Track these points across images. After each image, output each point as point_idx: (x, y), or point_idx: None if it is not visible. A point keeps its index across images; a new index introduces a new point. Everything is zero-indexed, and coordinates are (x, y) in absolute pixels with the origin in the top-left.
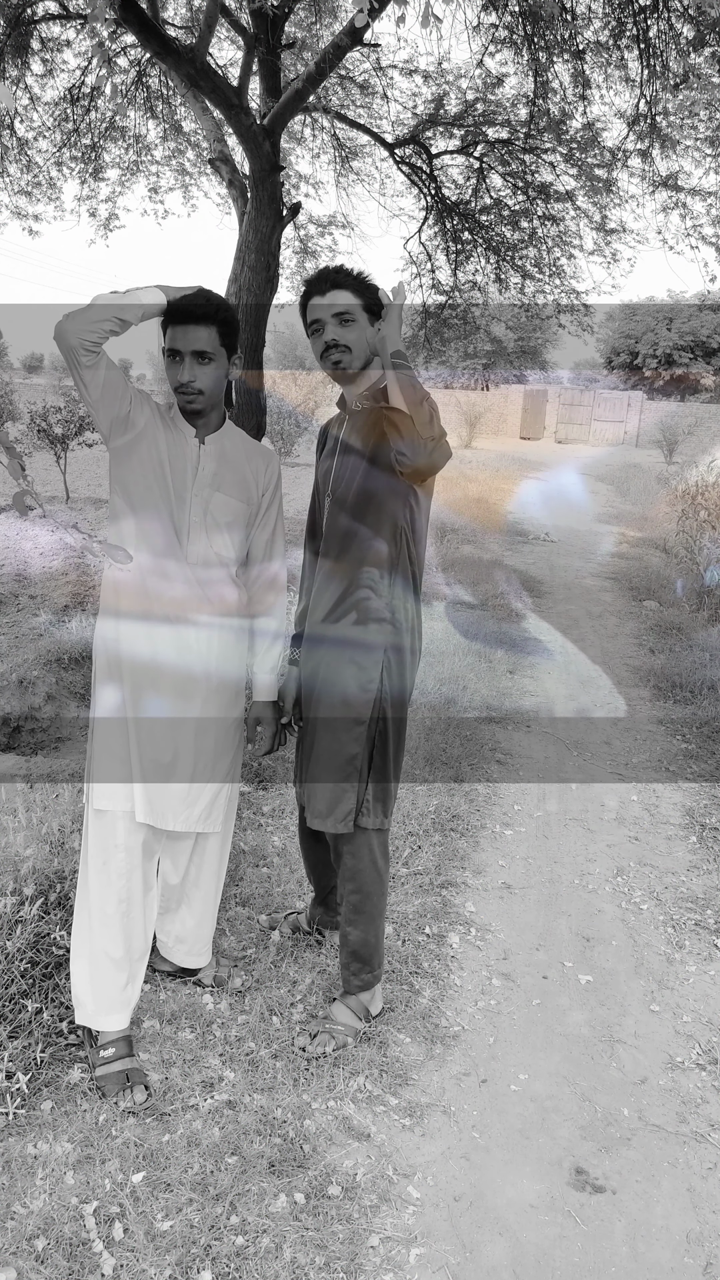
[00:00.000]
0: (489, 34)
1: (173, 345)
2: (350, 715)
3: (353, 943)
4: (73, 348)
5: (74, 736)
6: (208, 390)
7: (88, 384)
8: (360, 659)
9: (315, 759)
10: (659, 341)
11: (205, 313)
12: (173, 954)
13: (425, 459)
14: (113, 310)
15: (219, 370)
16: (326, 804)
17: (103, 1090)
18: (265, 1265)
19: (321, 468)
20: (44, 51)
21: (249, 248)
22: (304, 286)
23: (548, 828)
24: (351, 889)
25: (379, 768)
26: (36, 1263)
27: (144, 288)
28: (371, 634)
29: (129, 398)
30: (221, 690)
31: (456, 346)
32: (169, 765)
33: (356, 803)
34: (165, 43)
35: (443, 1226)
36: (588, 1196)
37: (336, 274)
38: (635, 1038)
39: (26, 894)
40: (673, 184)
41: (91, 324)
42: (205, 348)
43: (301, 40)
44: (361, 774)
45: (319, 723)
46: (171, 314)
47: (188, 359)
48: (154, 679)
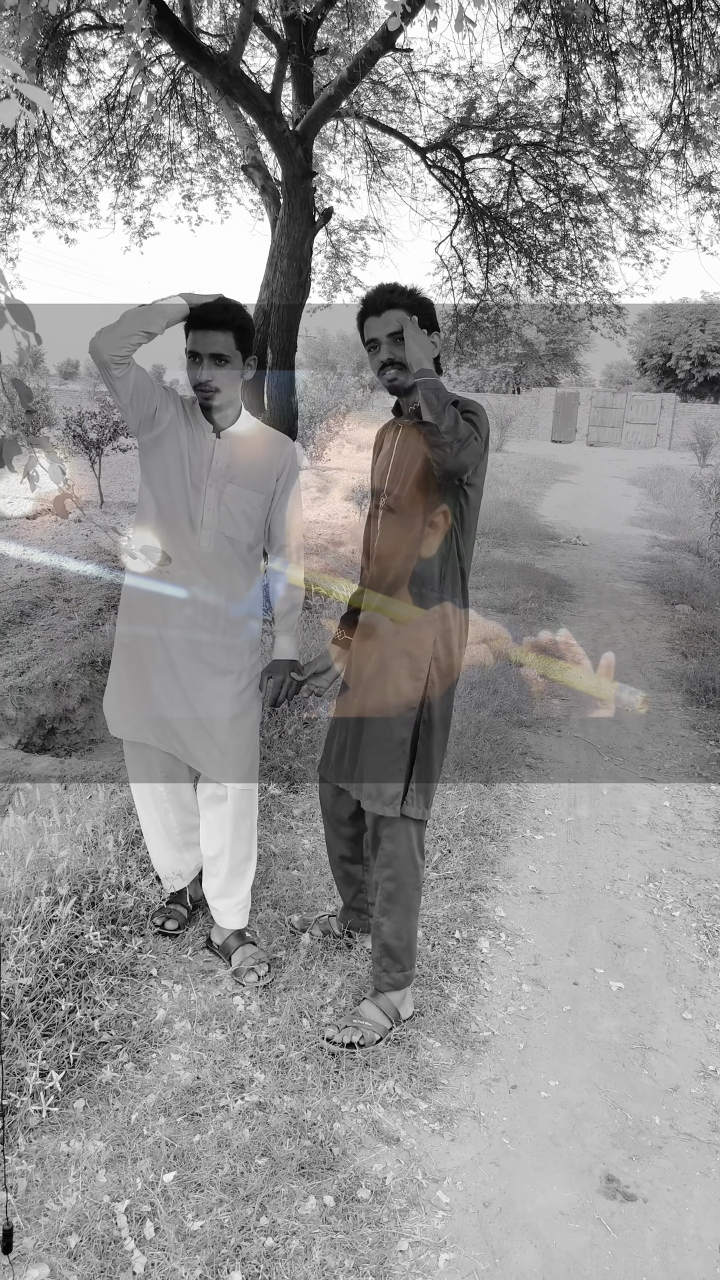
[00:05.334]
0: (521, 37)
1: (193, 348)
2: (401, 700)
3: (385, 934)
4: (105, 363)
5: (107, 738)
6: (224, 389)
7: (119, 391)
8: (412, 649)
9: (367, 744)
10: (692, 343)
11: (222, 319)
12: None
13: (453, 462)
14: (140, 324)
15: (235, 371)
16: (377, 786)
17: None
18: (295, 1267)
19: (378, 469)
20: (80, 62)
21: (281, 253)
22: (361, 304)
23: (578, 833)
24: (388, 876)
25: (423, 756)
26: (69, 1259)
27: (169, 297)
28: (423, 625)
29: (155, 398)
30: (227, 645)
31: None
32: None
33: (404, 788)
34: (199, 51)
35: (472, 1232)
36: (619, 1205)
37: (391, 294)
38: (667, 1045)
39: (61, 894)
40: (706, 185)
41: (121, 339)
42: (222, 351)
43: (334, 46)
44: (410, 760)
45: (371, 708)
46: (192, 320)
47: (206, 361)
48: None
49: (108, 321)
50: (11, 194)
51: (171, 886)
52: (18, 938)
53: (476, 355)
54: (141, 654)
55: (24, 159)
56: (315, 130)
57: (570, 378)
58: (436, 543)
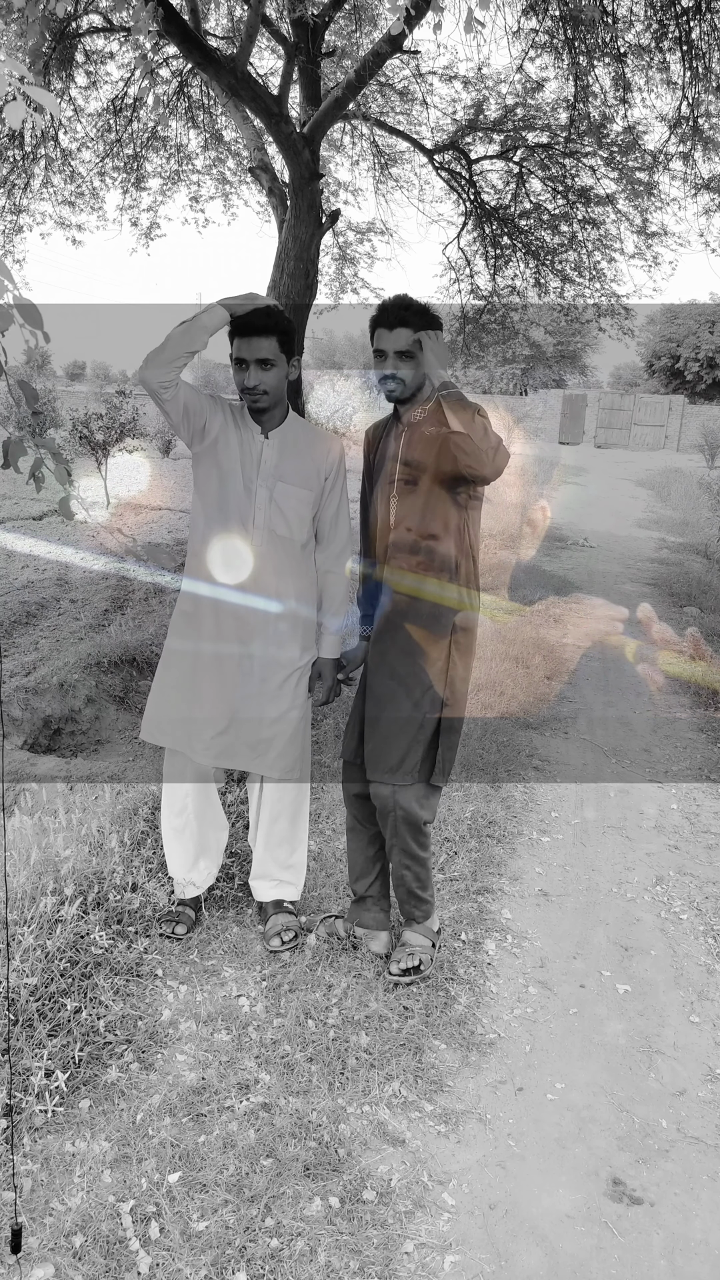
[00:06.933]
0: (529, 39)
1: (239, 354)
2: (424, 683)
3: (409, 882)
4: (155, 391)
5: (113, 739)
6: (271, 391)
7: (170, 413)
8: (435, 634)
9: (389, 722)
10: (701, 345)
11: (266, 324)
12: None
13: (491, 468)
14: (184, 345)
15: (280, 373)
16: (398, 758)
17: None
18: (300, 1268)
19: (378, 470)
20: (88, 64)
21: (288, 255)
22: (375, 312)
23: (585, 835)
24: (410, 833)
25: (448, 728)
26: (74, 1259)
27: (207, 308)
28: (444, 614)
29: (205, 411)
30: (280, 651)
31: (495, 351)
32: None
33: (431, 760)
34: (207, 53)
35: (478, 1234)
36: (625, 1208)
37: (404, 311)
38: (674, 1049)
39: (66, 894)
40: (715, 186)
41: (167, 365)
42: (268, 355)
43: (341, 48)
44: (431, 735)
45: (394, 687)
46: (237, 326)
47: (253, 366)
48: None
49: (113, 323)
50: (19, 196)
51: (183, 894)
52: (23, 938)
53: (484, 357)
54: (194, 660)
55: (31, 161)
56: (322, 132)
57: (578, 379)
58: (452, 539)
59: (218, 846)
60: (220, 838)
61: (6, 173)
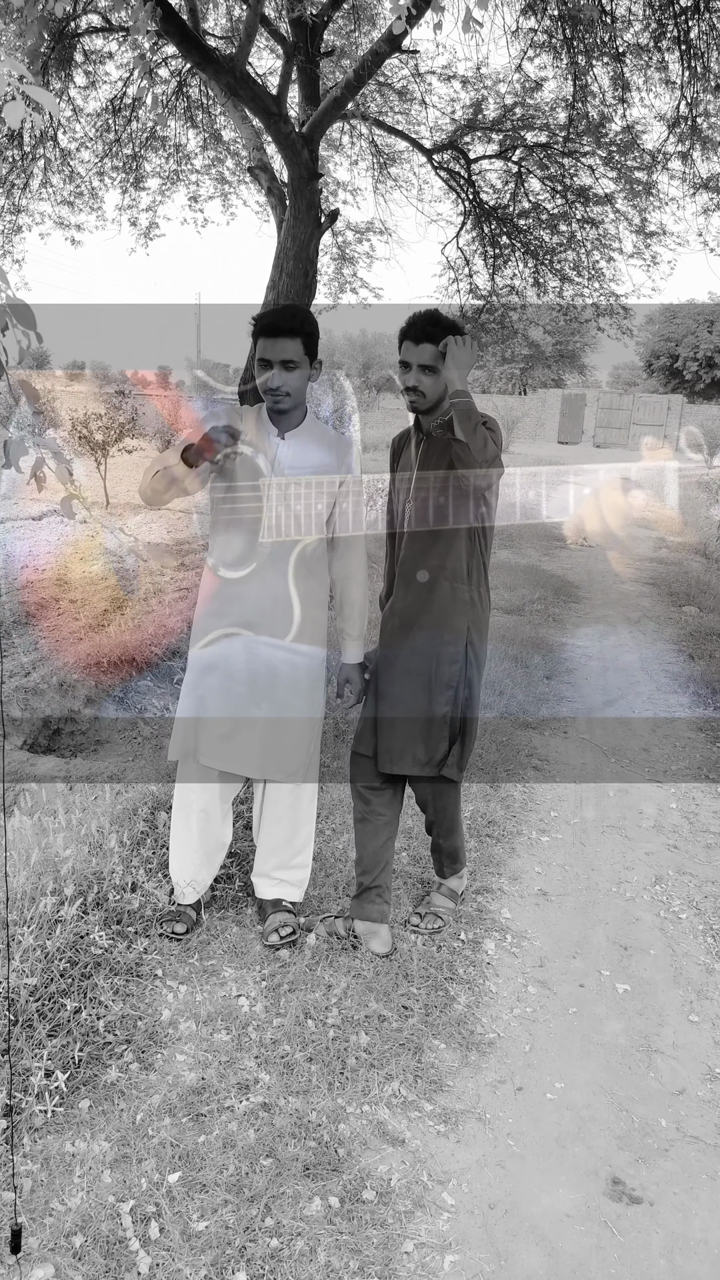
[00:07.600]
0: (528, 38)
1: (263, 355)
2: (442, 680)
3: (446, 850)
4: (168, 503)
5: (113, 739)
6: (294, 393)
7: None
8: (451, 636)
9: (411, 722)
10: (699, 344)
11: (291, 326)
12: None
13: (483, 480)
14: (167, 498)
15: (304, 375)
16: (426, 752)
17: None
18: (300, 1268)
19: (400, 478)
20: (87, 64)
21: (287, 255)
22: (405, 323)
23: (585, 834)
24: (445, 818)
25: (469, 725)
26: (74, 1259)
27: (168, 459)
28: (459, 614)
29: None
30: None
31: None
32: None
33: (456, 755)
34: (205, 53)
35: (477, 1234)
36: (624, 1207)
37: (432, 327)
38: (674, 1048)
39: (66, 894)
40: (714, 186)
41: (161, 502)
42: (292, 357)
43: (340, 48)
44: (452, 731)
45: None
46: (262, 328)
47: (276, 367)
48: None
49: (111, 323)
50: (18, 196)
51: (183, 897)
52: (23, 938)
53: (483, 357)
54: (214, 666)
55: (30, 161)
56: (321, 132)
57: (577, 379)
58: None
59: (219, 856)
60: (221, 854)
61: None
